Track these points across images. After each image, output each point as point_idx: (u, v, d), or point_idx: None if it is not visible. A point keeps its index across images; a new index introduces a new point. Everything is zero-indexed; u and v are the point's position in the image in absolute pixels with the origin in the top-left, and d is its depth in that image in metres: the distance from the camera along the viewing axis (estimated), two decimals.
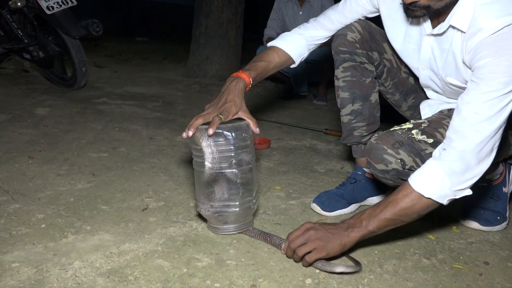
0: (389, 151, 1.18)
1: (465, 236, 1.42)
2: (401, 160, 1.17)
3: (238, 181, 1.23)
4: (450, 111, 1.29)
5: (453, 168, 1.04)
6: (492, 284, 1.16)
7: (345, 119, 1.47)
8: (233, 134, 1.19)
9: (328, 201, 1.49)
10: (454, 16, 1.08)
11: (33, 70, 3.51)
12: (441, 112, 1.31)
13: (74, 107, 2.66)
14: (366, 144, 1.51)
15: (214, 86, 3.74)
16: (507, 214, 1.49)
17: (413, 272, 1.18)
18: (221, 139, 1.19)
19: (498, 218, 1.46)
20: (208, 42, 4.01)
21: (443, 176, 1.04)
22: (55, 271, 1.06)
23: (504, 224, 1.47)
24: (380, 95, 1.50)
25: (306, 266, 1.15)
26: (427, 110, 1.35)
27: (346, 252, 1.16)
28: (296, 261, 1.16)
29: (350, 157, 2.14)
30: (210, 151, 1.20)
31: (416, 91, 1.46)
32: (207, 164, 1.20)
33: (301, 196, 1.64)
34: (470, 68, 1.07)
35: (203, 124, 1.20)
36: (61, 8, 2.70)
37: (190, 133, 1.16)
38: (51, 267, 1.08)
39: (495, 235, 1.43)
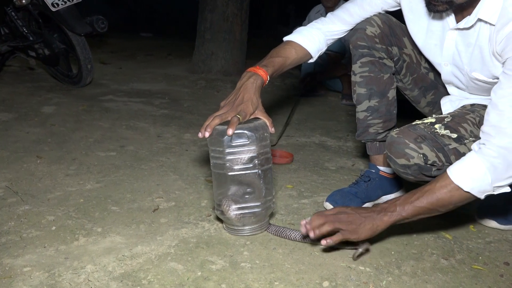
0: (411, 145, 1.15)
1: (483, 235, 1.39)
2: (424, 155, 1.15)
3: (261, 181, 1.22)
4: (473, 106, 1.27)
5: (495, 164, 1.02)
6: None
7: (361, 115, 1.44)
8: (255, 134, 1.18)
9: (342, 200, 1.46)
10: (482, 9, 1.06)
11: (38, 68, 3.49)
12: (463, 107, 1.28)
13: (81, 105, 2.63)
14: (381, 141, 1.48)
15: (220, 81, 3.70)
16: None
17: (432, 274, 1.15)
18: (244, 140, 1.17)
19: None
20: (213, 38, 3.97)
21: (485, 172, 1.02)
22: (67, 276, 1.04)
23: None
24: (398, 91, 1.46)
25: (329, 245, 1.11)
26: (448, 105, 1.32)
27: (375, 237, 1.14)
28: (315, 235, 1.09)
29: (360, 154, 2.11)
30: (233, 152, 1.18)
31: (436, 87, 1.43)
32: (231, 165, 1.19)
33: (313, 194, 1.61)
34: (501, 59, 1.05)
35: (220, 124, 1.18)
36: (66, 5, 2.67)
37: (207, 134, 1.14)
38: (63, 271, 1.06)
39: None
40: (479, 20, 1.09)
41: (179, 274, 1.07)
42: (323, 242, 1.10)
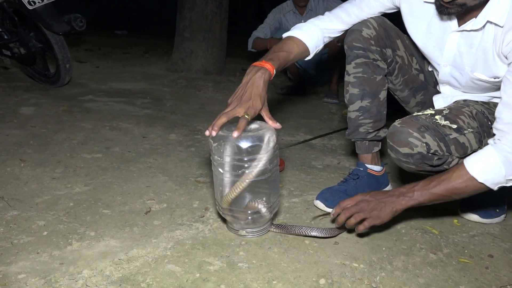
0: (415, 134, 1.20)
1: (467, 229, 1.45)
2: (427, 144, 1.19)
3: (279, 177, 1.30)
4: (466, 101, 1.33)
5: (510, 158, 1.07)
6: (499, 277, 1.18)
7: (352, 115, 1.47)
8: (276, 135, 1.21)
9: (332, 197, 1.49)
10: (491, 12, 1.11)
11: (13, 67, 3.38)
12: (457, 102, 1.35)
13: (60, 106, 2.57)
14: (370, 140, 1.52)
15: (200, 80, 3.68)
16: (505, 207, 1.52)
17: (422, 268, 1.20)
18: (275, 141, 1.20)
19: (497, 210, 1.49)
20: (192, 36, 3.94)
21: (500, 165, 1.08)
22: (64, 281, 1.03)
23: (502, 217, 1.50)
24: (388, 91, 1.50)
25: (361, 231, 1.22)
26: (441, 101, 1.37)
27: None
28: (349, 226, 1.22)
29: (345, 152, 2.16)
30: (269, 156, 1.20)
31: (426, 87, 1.48)
32: (265, 169, 1.20)
33: (302, 193, 1.63)
34: (506, 61, 1.10)
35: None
36: (43, 3, 2.59)
37: (214, 133, 1.14)
38: (59, 277, 1.04)
39: (495, 227, 1.47)
40: (488, 22, 1.14)
41: (178, 276, 1.08)
42: (360, 229, 1.20)
